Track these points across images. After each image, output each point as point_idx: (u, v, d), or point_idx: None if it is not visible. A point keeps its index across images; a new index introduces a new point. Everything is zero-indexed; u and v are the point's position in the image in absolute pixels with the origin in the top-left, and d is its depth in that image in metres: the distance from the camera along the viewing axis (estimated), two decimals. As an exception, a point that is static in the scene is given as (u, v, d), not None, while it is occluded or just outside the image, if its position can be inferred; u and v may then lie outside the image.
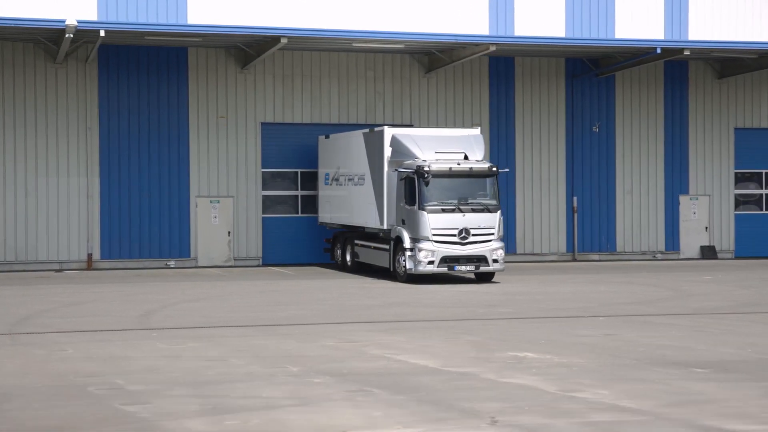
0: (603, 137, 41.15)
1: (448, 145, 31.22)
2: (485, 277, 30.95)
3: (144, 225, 37.12)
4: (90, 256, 36.63)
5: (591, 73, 40.53)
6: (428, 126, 39.08)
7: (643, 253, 41.47)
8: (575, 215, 40.73)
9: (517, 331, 19.29)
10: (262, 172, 38.15)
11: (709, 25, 41.57)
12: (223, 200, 37.84)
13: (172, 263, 37.21)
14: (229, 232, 37.88)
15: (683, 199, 41.88)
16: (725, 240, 42.37)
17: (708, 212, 42.19)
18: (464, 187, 30.49)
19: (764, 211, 42.91)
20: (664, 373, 14.51)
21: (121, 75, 36.96)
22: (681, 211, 41.86)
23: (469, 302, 24.98)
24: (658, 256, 41.45)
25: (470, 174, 30.54)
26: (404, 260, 30.22)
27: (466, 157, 30.96)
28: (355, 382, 13.87)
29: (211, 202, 37.76)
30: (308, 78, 38.50)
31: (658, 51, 37.37)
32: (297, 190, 38.65)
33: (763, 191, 42.87)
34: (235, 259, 37.88)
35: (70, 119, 36.51)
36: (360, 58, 38.95)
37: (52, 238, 36.42)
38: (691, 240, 41.98)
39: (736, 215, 42.50)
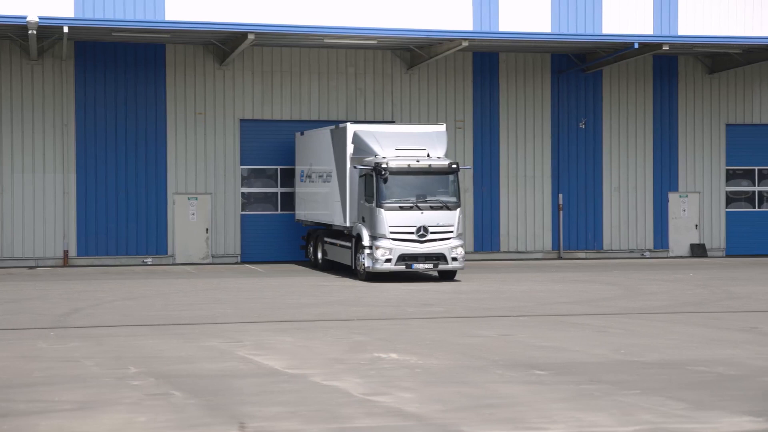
0: (590, 133, 39.98)
1: (410, 142, 30.25)
2: (447, 275, 29.98)
3: (121, 222, 36.45)
4: (66, 253, 36.02)
5: (576, 68, 39.36)
6: (411, 123, 38.14)
7: (631, 251, 40.25)
8: (561, 213, 39.59)
9: (414, 332, 18.38)
10: (242, 169, 37.34)
11: (699, 20, 40.23)
12: (201, 197, 37.09)
13: (149, 260, 36.52)
14: (207, 230, 37.13)
15: (672, 197, 40.61)
16: (716, 238, 41.04)
17: (698, 210, 40.90)
18: (423, 185, 29.52)
19: (756, 209, 41.50)
20: (497, 375, 13.81)
21: (98, 71, 36.30)
22: (670, 209, 40.60)
23: (407, 301, 24.07)
24: (647, 254, 40.22)
25: (429, 171, 29.56)
26: (363, 258, 29.31)
27: (429, 155, 29.92)
28: (171, 384, 13.28)
29: (188, 199, 37.03)
30: (288, 74, 37.66)
31: (636, 46, 36.14)
32: (276, 187, 37.83)
33: (756, 188, 41.48)
34: (213, 257, 37.14)
35: (46, 116, 35.93)
36: (341, 54, 38.05)
37: (27, 234, 35.85)
38: (681, 238, 40.70)
39: (727, 213, 41.17)
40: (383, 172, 29.09)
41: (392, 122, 38.11)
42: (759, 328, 18.82)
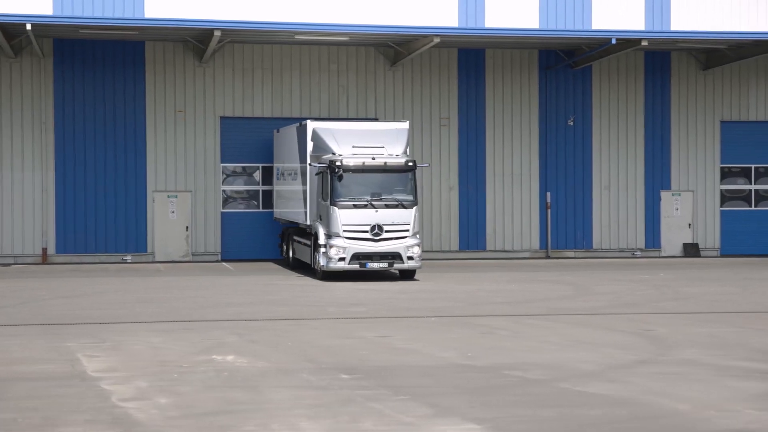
0: (579, 131, 38.66)
1: (368, 140, 29.24)
2: (407, 275, 28.93)
3: (100, 219, 35.80)
4: (45, 250, 35.45)
5: (564, 64, 38.04)
6: (395, 119, 37.10)
7: (622, 251, 38.88)
8: (548, 211, 38.30)
9: (297, 333, 17.48)
10: (223, 167, 36.51)
11: (693, 15, 38.64)
12: (181, 195, 36.33)
13: (128, 258, 35.84)
14: (187, 227, 36.36)
15: (665, 195, 39.17)
16: (710, 237, 39.51)
17: (692, 208, 39.40)
18: (379, 183, 28.52)
19: (753, 208, 39.89)
20: (298, 379, 13.22)
21: (77, 69, 35.69)
22: (662, 208, 39.16)
23: (339, 301, 23.15)
24: (638, 253, 38.82)
25: (385, 169, 28.53)
26: (319, 257, 28.34)
27: (387, 153, 28.88)
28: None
29: (168, 196, 36.30)
30: (269, 71, 36.78)
31: (613, 42, 34.77)
32: (258, 185, 36.95)
33: (752, 187, 39.87)
34: (193, 254, 36.37)
35: (24, 114, 35.40)
36: (323, 51, 37.10)
37: (6, 232, 35.33)
38: (674, 237, 39.23)
39: (722, 212, 39.62)
40: (337, 170, 28.13)
41: (375, 119, 37.10)
42: (653, 330, 17.58)
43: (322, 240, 28.40)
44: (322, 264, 28.30)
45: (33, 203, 35.46)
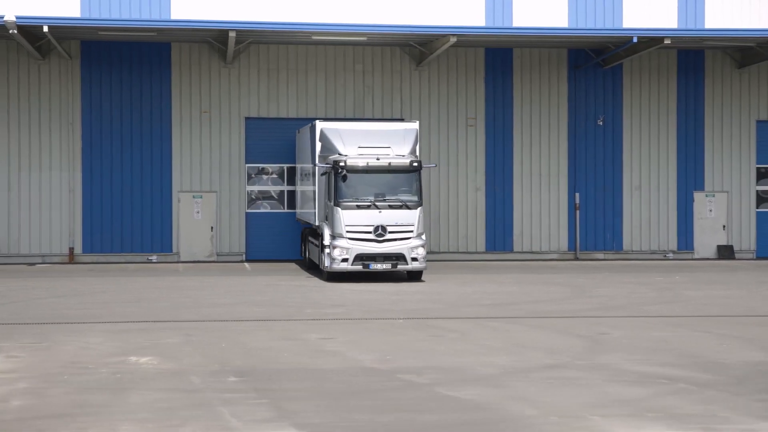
0: (609, 130, 37.74)
1: (375, 140, 28.80)
2: (414, 276, 28.42)
3: (126, 220, 35.84)
4: (71, 250, 35.58)
5: (593, 62, 37.13)
6: (421, 119, 36.64)
7: (653, 253, 37.87)
8: (577, 212, 37.45)
9: (241, 336, 17.00)
10: (248, 168, 36.32)
11: (728, 12, 37.60)
12: (206, 195, 36.23)
13: (154, 258, 35.84)
14: (212, 227, 36.25)
15: (698, 196, 38.07)
16: (745, 239, 38.33)
17: (726, 210, 38.24)
18: (383, 183, 28.06)
19: (790, 209, 38.62)
20: (185, 382, 12.89)
21: (104, 71, 35.77)
22: (696, 209, 38.06)
23: (322, 302, 22.70)
24: (670, 255, 37.78)
25: (389, 169, 28.06)
26: (324, 258, 27.98)
27: (393, 153, 28.41)
28: None
29: (193, 197, 36.21)
30: (294, 72, 36.51)
31: (635, 40, 33.81)
32: (283, 185, 36.69)
33: (790, 188, 38.60)
34: (217, 255, 36.25)
35: (52, 115, 35.56)
36: (348, 51, 36.72)
37: (34, 231, 35.54)
38: (707, 239, 38.11)
39: (757, 213, 38.37)
40: (340, 171, 27.76)
41: (401, 119, 36.62)
42: (607, 334, 16.85)
43: (326, 241, 28.05)
44: (326, 265, 27.96)
45: (60, 203, 35.63)
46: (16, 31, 30.94)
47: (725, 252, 37.99)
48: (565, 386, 12.12)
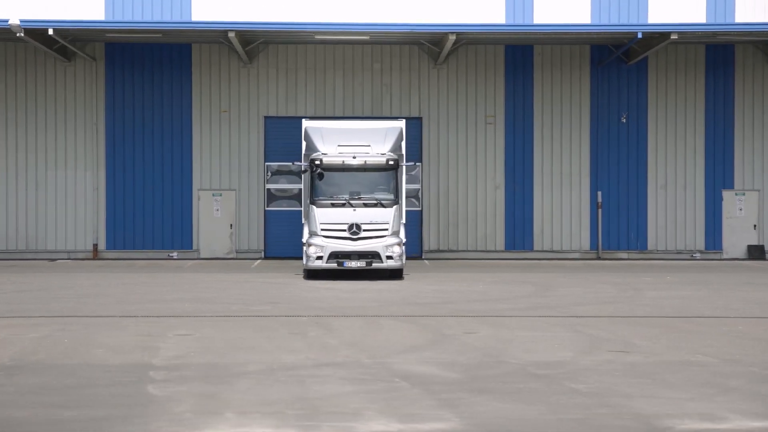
0: (633, 128, 36.48)
1: (355, 138, 28.37)
2: (396, 274, 27.89)
3: (148, 217, 36.17)
4: (95, 246, 36.07)
5: (612, 56, 35.92)
6: (439, 117, 36.15)
7: (679, 252, 36.47)
8: (599, 211, 36.30)
9: (99, 331, 16.56)
10: (267, 166, 36.25)
11: (761, 5, 35.97)
12: (226, 193, 36.31)
13: (174, 255, 36.08)
14: (231, 225, 36.30)
15: (727, 195, 36.51)
16: (777, 239, 36.60)
17: (757, 209, 36.56)
18: (358, 182, 27.57)
19: (826, 208, 36.71)
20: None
21: (126, 72, 36.15)
22: (724, 208, 36.50)
23: (264, 299, 22.13)
24: (697, 255, 36.33)
25: (365, 168, 27.57)
26: (303, 255, 27.70)
27: (372, 152, 27.95)
28: None
29: (213, 195, 36.33)
30: (312, 71, 36.31)
31: (640, 36, 32.55)
32: (301, 183, 36.43)
33: (825, 186, 36.69)
34: (237, 252, 36.28)
35: (77, 115, 36.11)
36: (366, 50, 36.35)
37: (60, 228, 36.14)
38: (737, 239, 36.51)
39: (791, 212, 36.62)
40: (315, 169, 27.42)
41: (419, 118, 36.14)
42: (474, 333, 15.98)
43: (304, 238, 27.78)
44: (304, 263, 27.67)
45: (85, 201, 36.14)
46: (22, 34, 31.46)
47: (756, 252, 36.34)
48: (288, 383, 11.48)
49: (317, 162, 27.45)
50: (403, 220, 29.08)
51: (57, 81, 36.11)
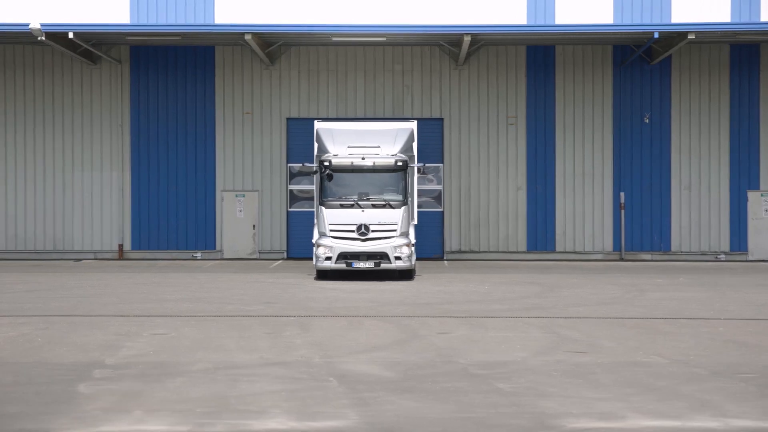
0: (656, 128, 36.12)
1: (365, 140, 28.42)
2: (406, 275, 27.88)
3: (172, 218, 36.49)
4: (121, 246, 36.45)
5: (634, 56, 35.55)
6: (461, 118, 36.09)
7: (704, 254, 36.04)
8: (622, 212, 35.99)
9: (76, 331, 16.71)
10: (289, 167, 36.40)
11: (788, 4, 35.49)
12: (249, 194, 36.52)
13: (198, 255, 36.36)
14: (254, 226, 36.50)
15: (752, 195, 36.01)
16: (804, 241, 36.01)
17: (783, 210, 36.04)
18: (367, 183, 27.61)
19: None
20: None
21: (151, 74, 36.49)
22: (749, 209, 36.01)
23: (261, 299, 22.25)
24: (722, 257, 35.88)
25: (374, 169, 27.60)
26: (313, 256, 27.81)
27: (381, 153, 27.99)
28: None
29: (236, 196, 36.54)
30: (334, 73, 36.40)
31: (656, 36, 32.19)
32: (324, 184, 36.51)
33: None
34: (260, 252, 36.46)
35: (103, 117, 36.51)
36: (387, 51, 36.37)
37: (86, 229, 36.57)
38: (763, 240, 36.01)
39: (817, 213, 36.03)
40: (324, 170, 27.51)
41: (440, 119, 36.11)
42: (448, 333, 15.91)
43: (314, 239, 27.88)
44: (313, 263, 27.76)
45: (111, 202, 36.54)
46: (43, 38, 31.87)
47: (781, 254, 35.83)
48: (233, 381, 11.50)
49: (326, 163, 27.54)
50: (414, 221, 29.08)
51: (83, 84, 36.53)
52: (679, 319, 18.71)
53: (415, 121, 29.99)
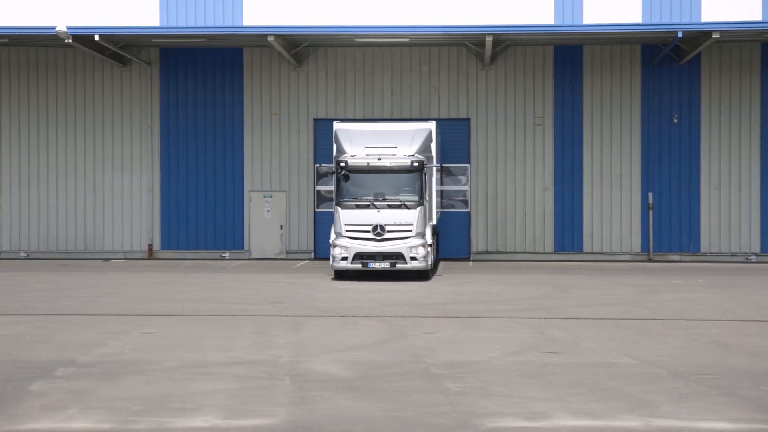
0: (685, 128, 35.72)
1: (382, 140, 28.42)
2: (422, 275, 27.83)
3: (201, 218, 36.74)
4: (150, 246, 36.77)
5: (664, 56, 35.17)
6: (488, 119, 35.98)
7: (734, 255, 35.58)
8: (651, 212, 35.64)
9: (68, 329, 16.82)
10: (317, 168, 36.48)
11: (819, 1, 34.94)
12: (276, 195, 36.67)
13: (226, 255, 36.58)
14: (281, 226, 36.65)
15: (784, 196, 35.47)
16: (837, 242, 35.42)
17: (815, 210, 35.45)
18: (383, 183, 27.62)
19: None
20: None
21: (180, 76, 36.78)
22: (781, 209, 35.47)
23: (272, 299, 22.33)
24: (752, 257, 35.40)
25: (390, 169, 27.59)
26: (330, 256, 27.88)
27: (398, 154, 27.98)
28: None
29: (264, 196, 36.71)
30: (361, 74, 36.44)
31: (680, 35, 31.78)
32: (351, 185, 36.56)
33: None
34: (287, 252, 36.59)
35: (133, 118, 36.86)
36: (414, 52, 36.33)
37: (116, 229, 36.94)
38: (794, 241, 35.45)
39: None
40: (340, 171, 27.56)
41: (467, 120, 36.02)
42: (432, 334, 15.86)
43: (330, 240, 27.95)
44: (330, 263, 27.84)
45: (141, 202, 36.88)
46: (70, 41, 32.25)
47: (813, 255, 35.26)
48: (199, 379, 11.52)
49: (342, 164, 27.59)
50: (433, 221, 29.05)
51: (113, 85, 36.90)
52: (678, 320, 18.49)
53: (434, 122, 29.92)
